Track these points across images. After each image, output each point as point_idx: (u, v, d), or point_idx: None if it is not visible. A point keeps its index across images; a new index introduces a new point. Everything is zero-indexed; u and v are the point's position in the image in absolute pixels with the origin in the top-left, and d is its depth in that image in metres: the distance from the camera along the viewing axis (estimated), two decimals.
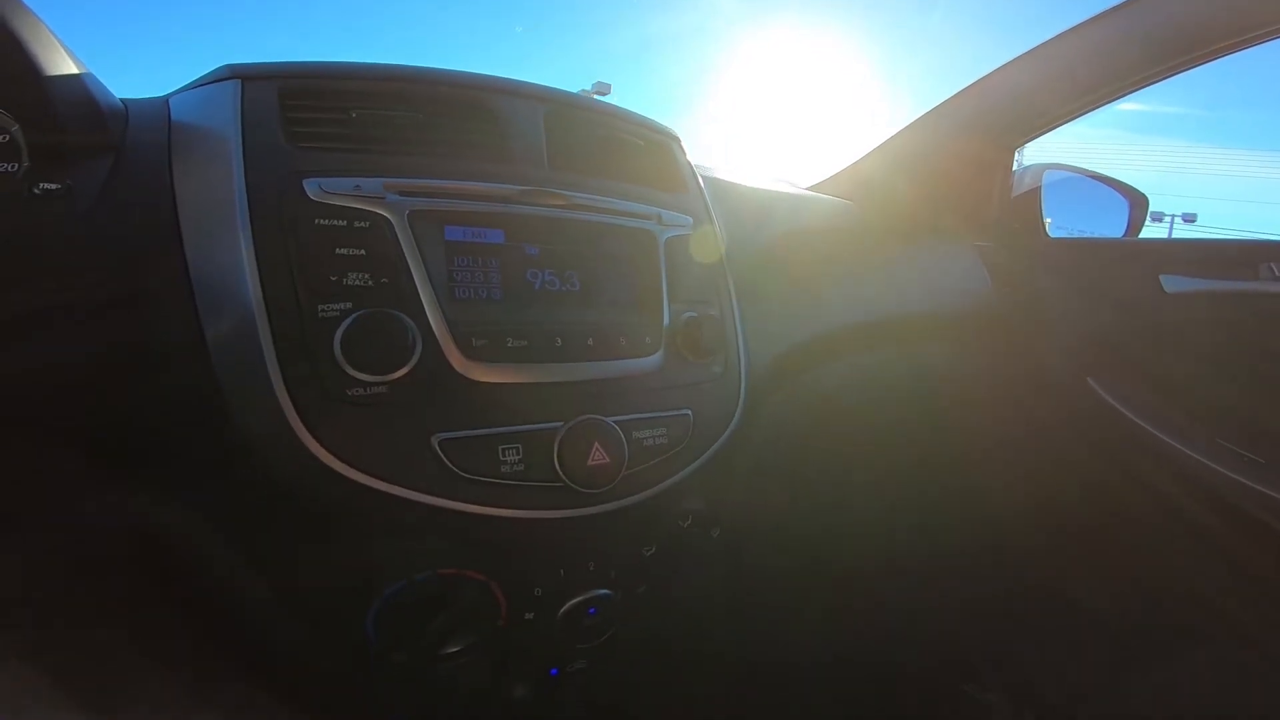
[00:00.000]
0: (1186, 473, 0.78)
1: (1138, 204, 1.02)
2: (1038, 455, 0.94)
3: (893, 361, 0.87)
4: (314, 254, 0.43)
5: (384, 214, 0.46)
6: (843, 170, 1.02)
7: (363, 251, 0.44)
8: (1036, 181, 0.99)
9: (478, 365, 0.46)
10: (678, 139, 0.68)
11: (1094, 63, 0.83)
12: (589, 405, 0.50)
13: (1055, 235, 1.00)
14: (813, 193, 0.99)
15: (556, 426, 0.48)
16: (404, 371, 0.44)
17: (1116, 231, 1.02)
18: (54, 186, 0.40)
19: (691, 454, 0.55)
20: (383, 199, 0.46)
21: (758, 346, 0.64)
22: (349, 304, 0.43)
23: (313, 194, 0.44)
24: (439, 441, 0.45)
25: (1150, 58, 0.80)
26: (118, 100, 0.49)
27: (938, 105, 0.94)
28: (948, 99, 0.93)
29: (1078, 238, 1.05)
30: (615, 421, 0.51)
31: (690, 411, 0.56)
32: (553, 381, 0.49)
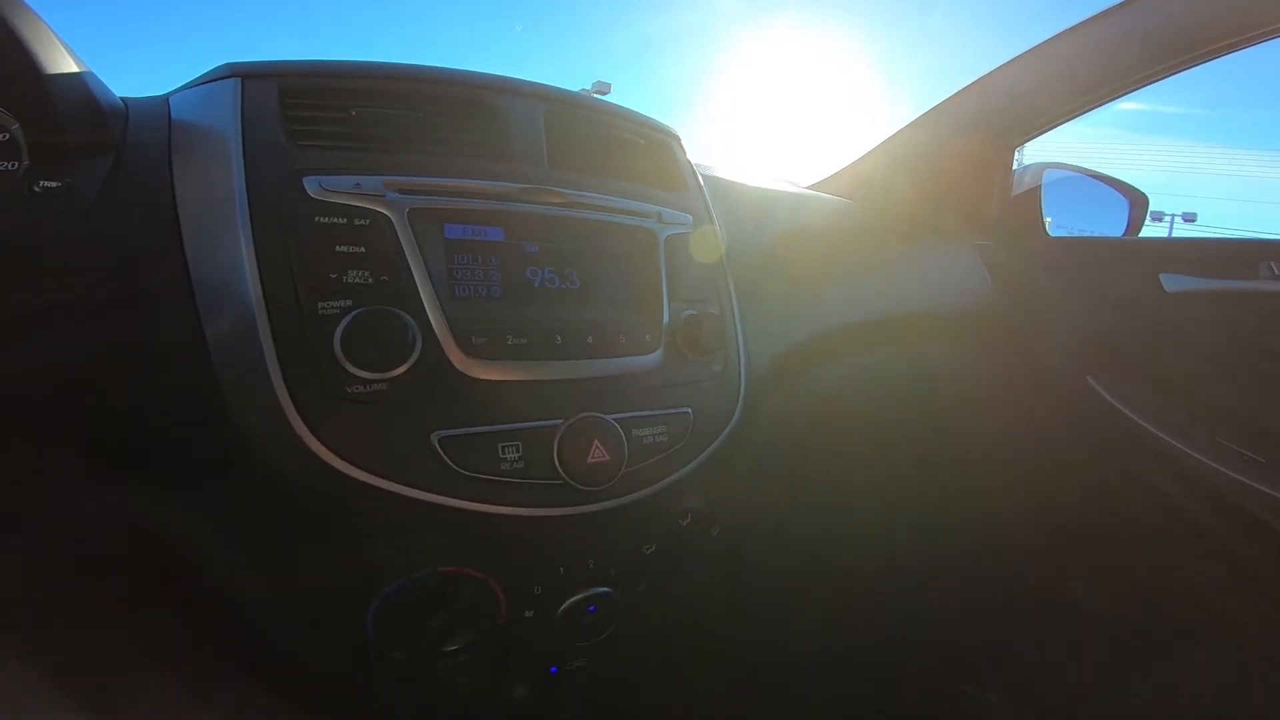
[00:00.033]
0: (1187, 472, 0.78)
1: (1137, 203, 1.02)
2: (1038, 454, 0.94)
3: (893, 361, 0.87)
4: (314, 252, 0.43)
5: (384, 212, 0.46)
6: (843, 169, 1.02)
7: (362, 249, 0.44)
8: (1036, 181, 1.00)
9: (477, 363, 0.46)
10: (678, 137, 0.68)
11: (1094, 62, 0.83)
12: (589, 403, 0.50)
13: (1055, 234, 1.00)
14: (813, 192, 0.99)
15: (556, 424, 0.48)
16: (404, 369, 0.43)
17: (1116, 231, 1.02)
18: (54, 185, 0.40)
19: (691, 452, 0.55)
20: (383, 197, 0.46)
21: (757, 345, 0.64)
22: (349, 301, 0.43)
23: (313, 192, 0.44)
24: (439, 439, 0.44)
25: (1150, 57, 0.80)
26: (118, 99, 0.49)
27: (938, 104, 0.94)
28: (948, 98, 0.93)
29: (1078, 237, 1.05)
30: (615, 419, 0.50)
31: (690, 410, 0.56)
32: (552, 379, 0.49)
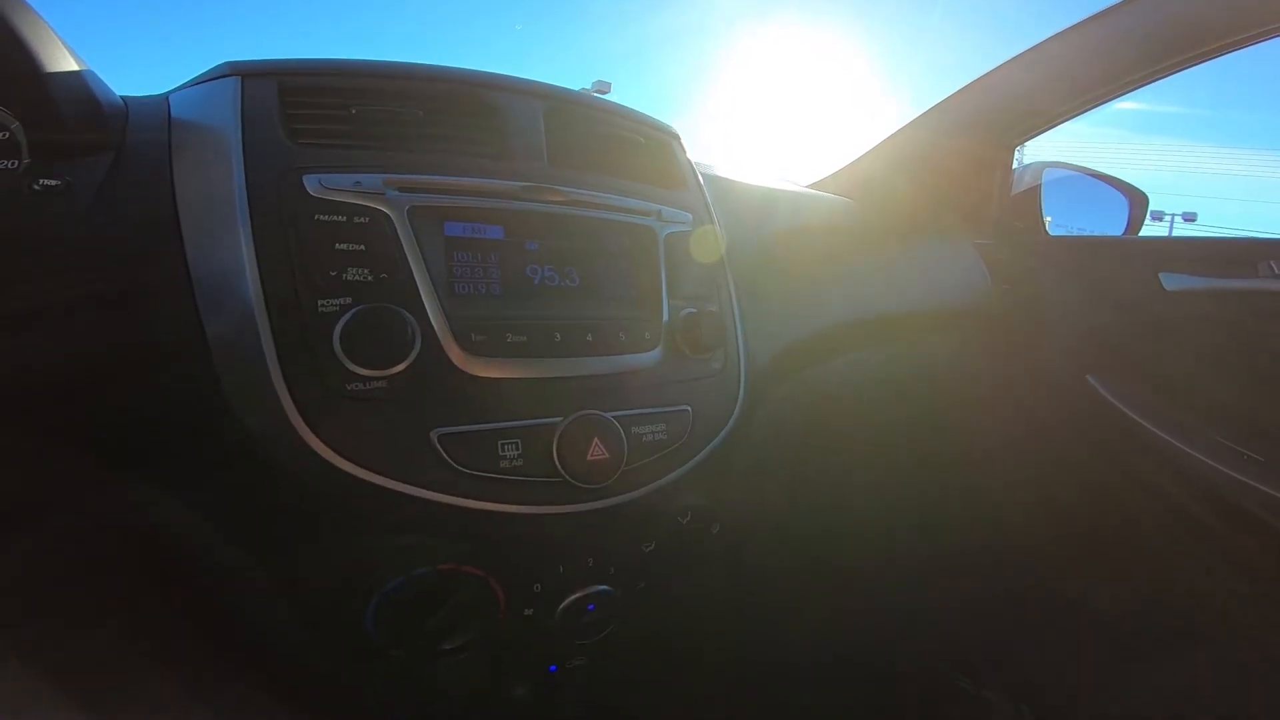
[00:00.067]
0: (1186, 471, 0.78)
1: (1137, 202, 1.02)
2: (1037, 453, 0.94)
3: (892, 360, 0.87)
4: (314, 249, 0.43)
5: (384, 209, 0.46)
6: (843, 168, 1.02)
7: (362, 247, 0.44)
8: (1036, 180, 1.00)
9: (477, 360, 0.46)
10: (677, 136, 0.68)
11: (1094, 61, 0.83)
12: (588, 400, 0.50)
13: (1055, 233, 1.00)
14: (813, 191, 0.99)
15: (556, 421, 0.48)
16: (403, 366, 0.43)
17: (1116, 230, 1.02)
18: (54, 183, 0.40)
19: (691, 450, 0.55)
20: (383, 195, 0.46)
21: (757, 343, 0.64)
22: (348, 299, 0.43)
23: (312, 190, 0.44)
24: (438, 436, 0.44)
25: (1149, 56, 0.80)
26: (118, 97, 0.49)
27: (938, 103, 0.94)
28: (948, 97, 0.93)
29: (1077, 236, 1.05)
30: (614, 417, 0.50)
31: (689, 407, 0.55)
32: (552, 377, 0.49)
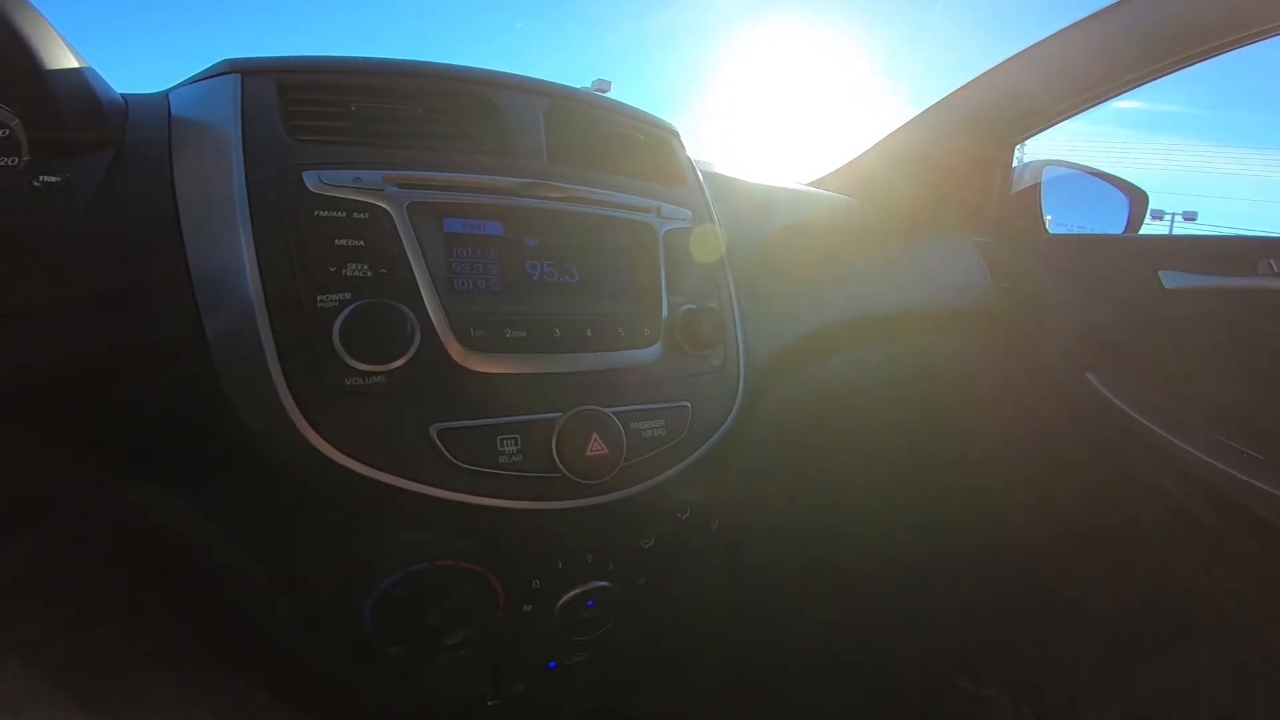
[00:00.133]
0: (1186, 469, 0.78)
1: (1137, 200, 1.02)
2: (1037, 451, 0.94)
3: (892, 358, 0.87)
4: (313, 245, 0.43)
5: (383, 206, 0.46)
6: (843, 166, 1.02)
7: (362, 243, 0.44)
8: (1036, 178, 1.00)
9: (476, 355, 0.46)
10: (677, 134, 0.68)
11: (1093, 59, 0.83)
12: (587, 396, 0.50)
13: (1055, 232, 1.00)
14: (813, 189, 0.99)
15: (555, 417, 0.48)
16: (402, 361, 0.43)
17: (1116, 228, 1.02)
18: (54, 179, 0.40)
19: (690, 446, 0.55)
20: (382, 191, 0.46)
21: (757, 340, 0.64)
22: (348, 294, 0.43)
23: (312, 186, 0.44)
24: (437, 431, 0.44)
25: (1149, 55, 0.80)
26: (118, 95, 0.49)
27: (938, 102, 0.94)
28: (947, 95, 0.93)
29: (1077, 234, 1.05)
30: (614, 412, 0.50)
31: (689, 403, 0.55)
32: (551, 372, 0.49)
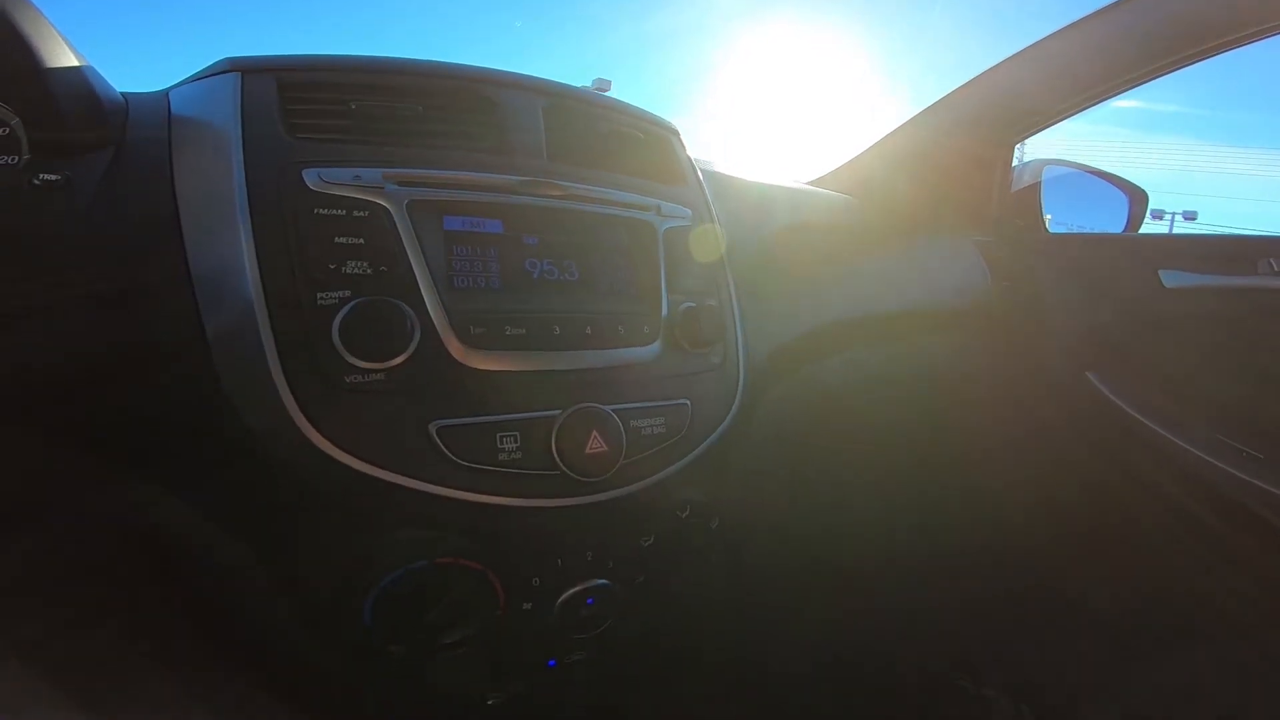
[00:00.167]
0: (1186, 468, 0.78)
1: (1137, 199, 1.02)
2: (1037, 451, 0.94)
3: (892, 357, 0.87)
4: (313, 243, 0.43)
5: (383, 203, 0.46)
6: (843, 165, 1.02)
7: (361, 240, 0.44)
8: (1036, 177, 1.00)
9: (476, 353, 0.46)
10: (677, 132, 0.68)
11: (1093, 59, 0.83)
12: (587, 394, 0.50)
13: (1055, 231, 1.00)
14: (813, 188, 0.99)
15: (554, 414, 0.48)
16: (402, 359, 0.43)
17: (1116, 227, 1.02)
18: (54, 177, 0.40)
19: (690, 444, 0.55)
20: (382, 189, 0.46)
21: (757, 339, 0.64)
22: (347, 292, 0.43)
23: (312, 184, 0.44)
24: (437, 429, 0.44)
25: (1149, 54, 0.80)
26: (118, 94, 0.49)
27: (937, 101, 0.94)
28: (947, 95, 0.93)
29: (1077, 233, 1.05)
30: (613, 410, 0.50)
31: (688, 401, 0.55)
32: (550, 369, 0.49)
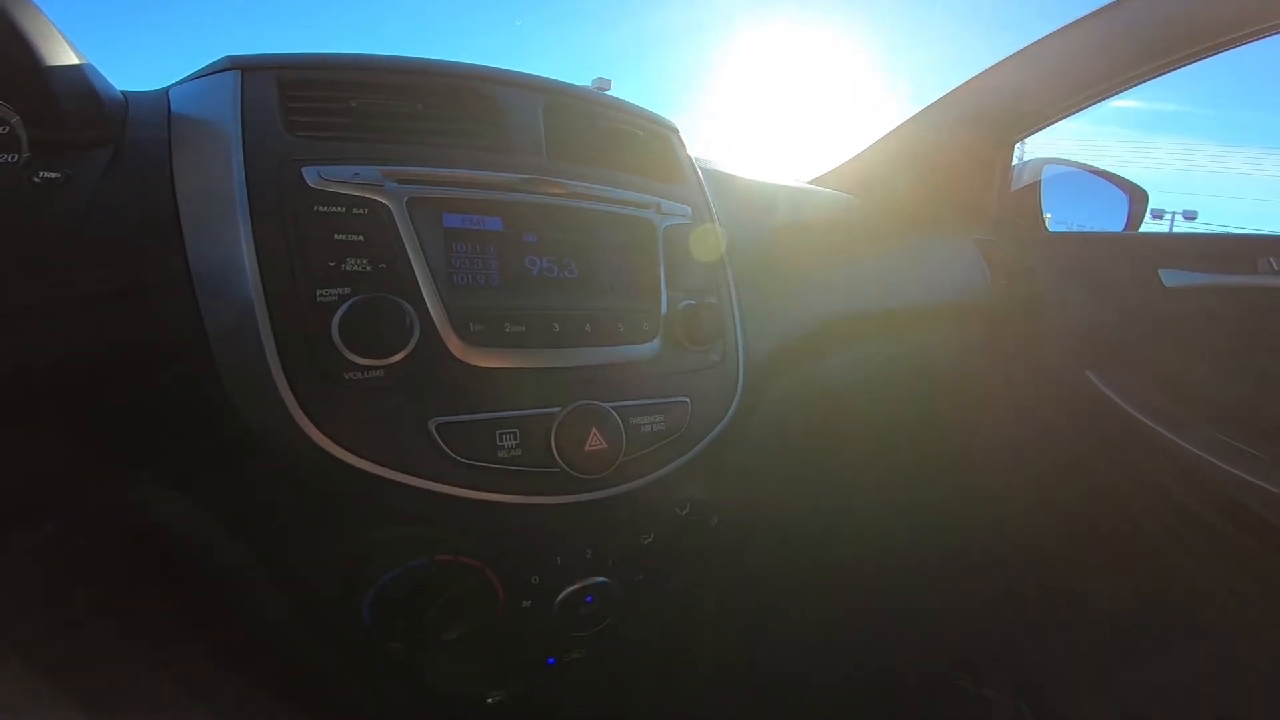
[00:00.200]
0: (1186, 468, 0.78)
1: (1137, 199, 1.02)
2: (1037, 450, 0.94)
3: (892, 356, 0.87)
4: (313, 240, 0.43)
5: (382, 201, 0.46)
6: (843, 164, 1.02)
7: (361, 238, 0.45)
8: (1036, 176, 1.00)
9: (475, 350, 0.46)
10: (676, 130, 0.68)
11: (1093, 58, 0.84)
12: (586, 391, 0.50)
13: (1055, 230, 1.00)
14: (813, 186, 0.99)
15: (554, 411, 0.48)
16: (401, 356, 0.43)
17: (1116, 226, 1.02)
18: (54, 177, 0.40)
19: (689, 441, 0.55)
20: (381, 186, 0.46)
21: (757, 336, 0.64)
22: (347, 289, 0.43)
23: (312, 181, 0.44)
24: (436, 426, 0.44)
25: (1149, 53, 0.80)
26: (118, 92, 0.49)
27: (937, 100, 0.94)
28: (947, 94, 0.93)
29: (1077, 232, 1.05)
30: (613, 407, 0.50)
31: (688, 399, 0.55)
32: (550, 367, 0.49)
